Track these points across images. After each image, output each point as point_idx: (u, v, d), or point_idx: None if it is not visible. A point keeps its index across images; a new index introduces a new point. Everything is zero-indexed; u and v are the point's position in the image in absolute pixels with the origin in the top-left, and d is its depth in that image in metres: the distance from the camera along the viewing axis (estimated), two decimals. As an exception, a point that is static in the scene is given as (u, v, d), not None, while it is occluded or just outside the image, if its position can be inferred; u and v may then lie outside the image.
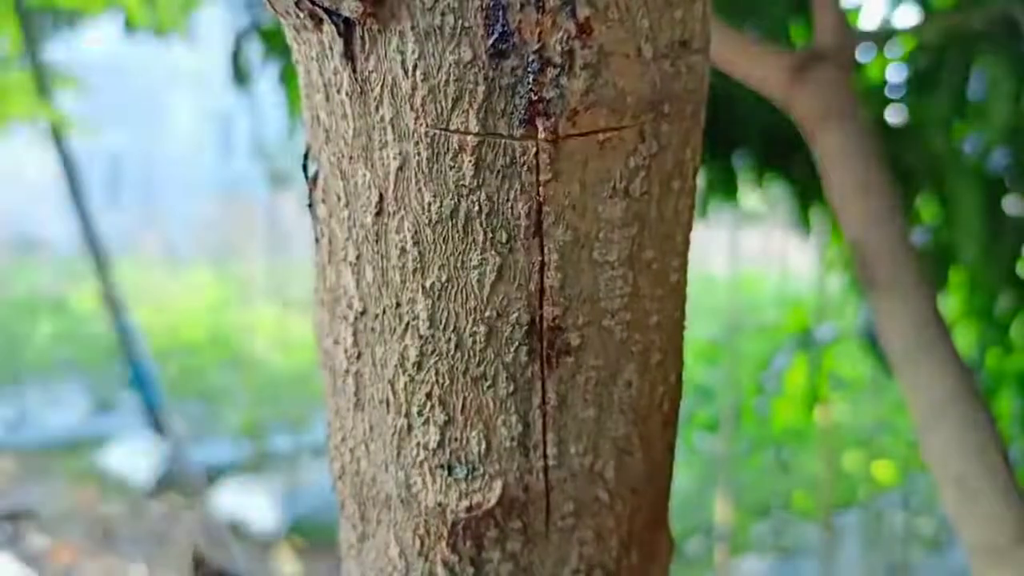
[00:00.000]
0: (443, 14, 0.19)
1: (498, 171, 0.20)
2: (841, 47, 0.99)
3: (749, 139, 1.54)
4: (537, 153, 0.20)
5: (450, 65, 0.20)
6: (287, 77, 1.73)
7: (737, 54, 1.02)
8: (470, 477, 0.22)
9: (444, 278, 0.21)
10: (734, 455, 2.93)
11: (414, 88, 0.20)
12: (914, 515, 2.81)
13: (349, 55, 0.21)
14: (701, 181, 1.59)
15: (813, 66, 0.97)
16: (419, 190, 0.21)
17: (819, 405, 2.47)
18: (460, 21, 0.19)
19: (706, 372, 3.47)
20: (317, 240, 0.24)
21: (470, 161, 0.20)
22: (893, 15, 1.44)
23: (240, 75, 2.09)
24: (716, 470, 2.89)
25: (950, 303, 1.59)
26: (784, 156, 1.51)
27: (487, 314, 0.21)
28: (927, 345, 0.85)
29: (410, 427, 0.23)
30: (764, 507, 3.02)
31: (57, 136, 2.82)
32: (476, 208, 0.20)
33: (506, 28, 0.19)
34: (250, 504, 2.87)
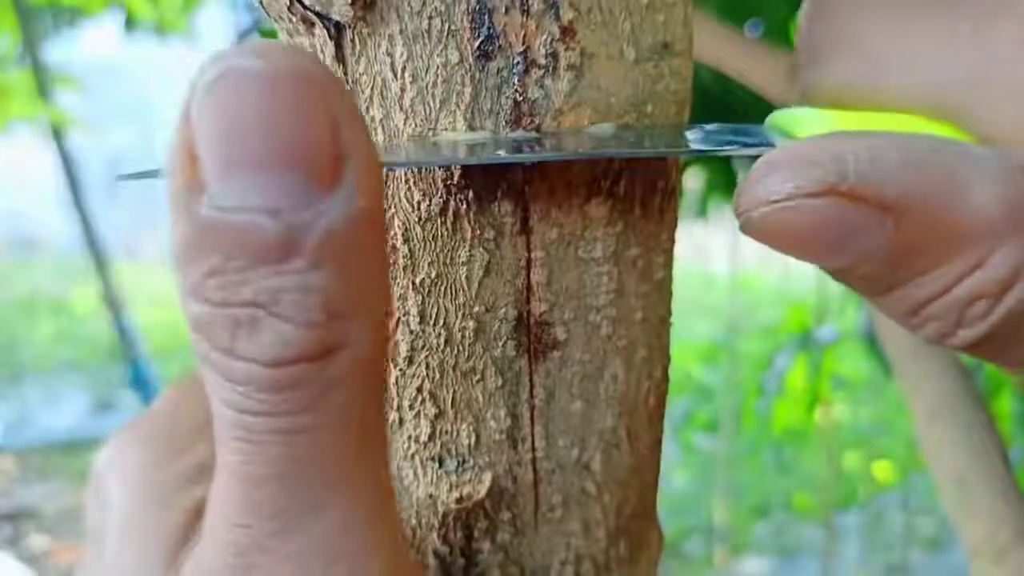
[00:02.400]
0: (430, 17, 0.20)
1: (484, 170, 0.21)
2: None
3: (748, 139, 1.54)
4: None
5: (438, 67, 0.20)
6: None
7: (737, 54, 1.02)
8: (460, 469, 0.23)
9: (433, 274, 0.22)
10: (734, 455, 2.93)
11: (403, 89, 0.20)
12: (914, 515, 2.80)
13: (340, 58, 0.21)
14: (701, 181, 1.59)
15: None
16: (409, 189, 0.21)
17: (819, 405, 2.47)
18: (447, 24, 0.20)
19: (706, 372, 3.47)
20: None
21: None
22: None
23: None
24: (716, 470, 2.89)
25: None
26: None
27: (476, 309, 0.22)
28: (927, 345, 0.85)
29: (401, 420, 0.23)
30: (764, 507, 3.02)
31: (57, 136, 2.82)
32: (464, 206, 0.21)
33: (492, 31, 0.20)
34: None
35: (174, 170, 0.16)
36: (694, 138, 0.21)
